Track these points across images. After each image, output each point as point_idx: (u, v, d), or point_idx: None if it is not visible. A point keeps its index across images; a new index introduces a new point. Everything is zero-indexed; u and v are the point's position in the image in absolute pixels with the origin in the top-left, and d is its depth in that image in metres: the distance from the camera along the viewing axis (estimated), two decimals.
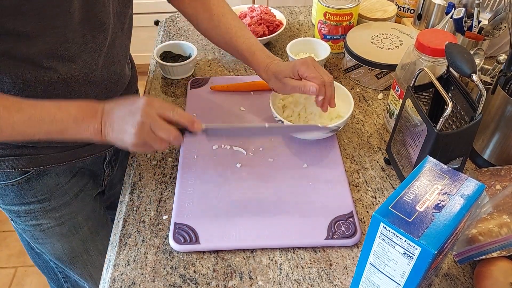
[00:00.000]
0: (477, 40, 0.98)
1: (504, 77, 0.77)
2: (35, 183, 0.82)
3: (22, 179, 0.80)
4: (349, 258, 0.72)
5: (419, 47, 0.79)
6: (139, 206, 0.80)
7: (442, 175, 0.56)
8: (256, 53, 0.87)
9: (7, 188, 0.81)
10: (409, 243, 0.50)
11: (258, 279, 0.69)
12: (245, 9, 1.20)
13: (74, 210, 0.89)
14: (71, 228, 0.90)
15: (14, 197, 0.83)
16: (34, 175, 0.81)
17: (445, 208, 0.52)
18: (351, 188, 0.82)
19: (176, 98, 1.02)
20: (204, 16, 0.89)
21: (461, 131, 0.70)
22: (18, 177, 0.80)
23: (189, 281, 0.69)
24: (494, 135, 0.80)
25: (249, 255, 0.72)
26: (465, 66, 0.68)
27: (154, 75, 1.10)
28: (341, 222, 0.75)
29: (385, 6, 1.20)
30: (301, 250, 0.73)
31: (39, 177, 0.82)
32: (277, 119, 0.86)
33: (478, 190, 0.54)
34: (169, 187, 0.83)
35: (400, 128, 0.80)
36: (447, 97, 0.67)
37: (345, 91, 0.90)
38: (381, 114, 0.98)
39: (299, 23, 1.28)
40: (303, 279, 0.69)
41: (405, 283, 0.54)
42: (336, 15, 1.09)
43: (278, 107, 0.91)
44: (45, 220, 0.87)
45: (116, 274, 0.70)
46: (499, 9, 0.95)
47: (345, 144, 0.91)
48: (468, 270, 0.70)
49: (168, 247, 0.73)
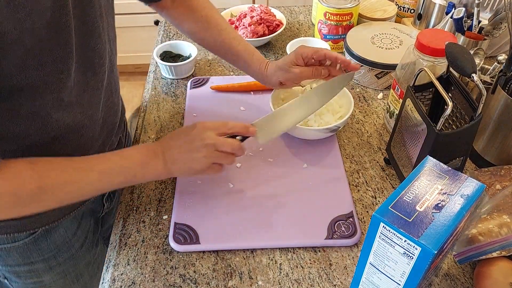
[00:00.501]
0: (477, 40, 0.98)
1: (504, 77, 0.76)
2: (42, 242, 0.76)
3: (29, 239, 0.74)
4: (349, 258, 0.72)
5: (419, 47, 0.79)
6: (139, 206, 0.80)
7: (442, 175, 0.56)
8: (255, 54, 0.87)
9: (11, 250, 0.74)
10: (409, 243, 0.50)
11: (258, 279, 0.69)
12: (245, 9, 1.20)
13: (77, 261, 0.84)
14: (73, 278, 0.85)
15: (18, 258, 0.76)
16: (42, 233, 0.75)
17: (445, 208, 0.52)
18: (351, 188, 0.82)
19: (176, 98, 1.02)
20: (191, 18, 0.86)
21: (461, 131, 0.70)
22: (24, 238, 0.74)
23: (189, 281, 0.69)
24: (494, 135, 0.80)
25: (249, 255, 0.72)
26: (465, 66, 0.68)
27: (154, 75, 1.10)
28: (341, 222, 0.75)
29: (385, 6, 1.20)
30: (301, 250, 0.73)
31: (47, 234, 0.76)
32: None
33: (478, 190, 0.54)
34: (169, 187, 0.83)
35: (400, 128, 0.80)
36: (447, 97, 0.66)
37: (345, 91, 0.90)
38: (381, 114, 0.98)
39: (299, 23, 1.28)
40: (303, 279, 0.69)
41: (405, 283, 0.54)
42: (336, 15, 1.09)
43: (278, 107, 0.91)
44: (48, 276, 0.81)
45: (116, 274, 0.70)
46: (499, 9, 0.95)
47: (345, 144, 0.91)
48: (468, 270, 0.70)
49: (168, 247, 0.73)
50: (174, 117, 0.98)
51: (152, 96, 1.03)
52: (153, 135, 0.93)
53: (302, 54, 0.81)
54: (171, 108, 1.00)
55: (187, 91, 1.03)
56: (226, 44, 0.86)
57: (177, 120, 0.97)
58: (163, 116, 0.98)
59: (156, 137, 0.93)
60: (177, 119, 0.97)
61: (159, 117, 0.97)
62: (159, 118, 0.97)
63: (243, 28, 1.14)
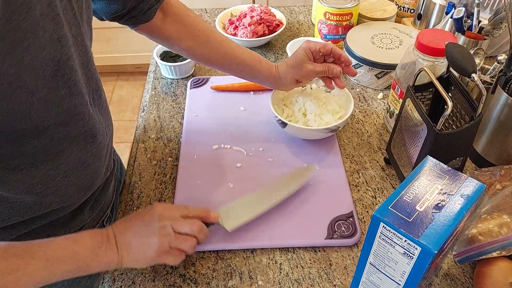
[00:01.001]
0: (477, 40, 0.98)
1: (504, 77, 0.76)
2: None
3: None
4: (349, 258, 0.72)
5: (419, 47, 0.79)
6: (139, 206, 0.80)
7: (442, 175, 0.56)
8: (261, 60, 0.85)
9: None
10: (409, 243, 0.50)
11: (258, 279, 0.69)
12: (245, 9, 1.20)
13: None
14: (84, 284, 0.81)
15: None
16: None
17: (445, 208, 0.52)
18: (351, 188, 0.82)
19: (176, 98, 1.02)
20: (189, 34, 0.81)
21: (461, 131, 0.70)
22: None
23: (189, 280, 0.69)
24: (494, 135, 0.80)
25: (249, 255, 0.72)
26: (465, 66, 0.68)
27: (154, 75, 1.10)
28: (341, 222, 0.75)
29: (385, 6, 1.20)
30: (301, 250, 0.73)
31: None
32: (277, 119, 0.86)
33: (478, 190, 0.54)
34: (169, 187, 0.83)
35: (400, 128, 0.80)
36: (447, 97, 0.66)
37: (345, 90, 0.90)
38: (381, 114, 0.98)
39: (299, 22, 1.28)
40: (303, 279, 0.69)
41: (405, 283, 0.54)
42: (336, 15, 1.09)
43: (278, 107, 0.91)
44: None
45: (116, 274, 0.70)
46: (499, 9, 0.95)
47: (345, 144, 0.91)
48: (468, 270, 0.70)
49: None
50: (174, 117, 0.98)
51: (152, 96, 1.03)
52: (153, 135, 0.93)
53: (310, 48, 0.81)
54: (171, 108, 1.00)
55: (187, 91, 1.03)
56: (229, 54, 0.83)
57: (177, 120, 0.97)
58: (163, 116, 0.98)
59: (156, 137, 0.93)
60: (177, 119, 0.97)
61: (159, 117, 0.97)
62: (159, 118, 0.97)
63: (243, 28, 1.14)
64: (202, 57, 0.84)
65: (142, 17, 0.76)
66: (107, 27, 0.92)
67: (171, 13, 0.80)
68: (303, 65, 0.82)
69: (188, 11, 0.82)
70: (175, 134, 0.93)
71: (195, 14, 0.83)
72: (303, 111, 0.89)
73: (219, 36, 0.83)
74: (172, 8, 0.80)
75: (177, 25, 0.80)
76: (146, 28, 0.80)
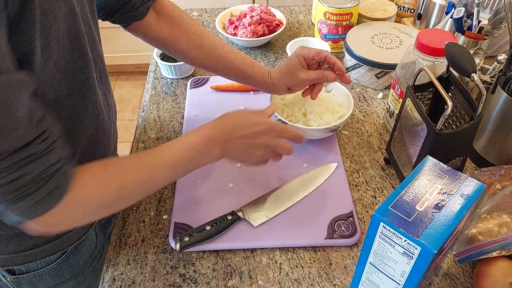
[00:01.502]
0: (477, 40, 0.98)
1: (504, 76, 0.77)
2: (72, 259, 0.76)
3: (61, 259, 0.74)
4: (349, 258, 0.72)
5: (419, 47, 0.79)
6: (139, 206, 0.80)
7: (442, 174, 0.56)
8: (254, 65, 0.84)
9: (43, 274, 0.74)
10: (409, 242, 0.50)
11: (258, 278, 0.69)
12: (245, 8, 1.20)
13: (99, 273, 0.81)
14: None
15: (50, 280, 0.75)
16: (72, 251, 0.75)
17: (445, 207, 0.52)
18: (351, 187, 0.82)
19: (176, 97, 1.02)
20: (183, 36, 0.81)
21: (461, 131, 0.70)
22: (58, 259, 0.74)
23: (189, 280, 0.69)
24: (494, 135, 0.81)
25: (249, 254, 0.72)
26: (465, 66, 0.68)
27: (154, 75, 1.10)
28: (341, 221, 0.75)
29: (385, 6, 1.20)
30: (301, 250, 0.73)
31: (76, 251, 0.76)
32: (277, 119, 0.86)
33: (478, 190, 0.54)
34: (169, 187, 0.83)
35: (400, 128, 0.80)
36: (447, 96, 0.67)
37: (345, 90, 0.90)
38: (381, 113, 0.98)
39: (299, 22, 1.28)
40: (303, 279, 0.69)
41: (405, 283, 0.54)
42: (336, 15, 1.09)
43: (278, 107, 0.91)
44: None
45: (116, 274, 0.70)
46: (499, 9, 0.95)
47: (345, 144, 0.91)
48: (468, 270, 0.70)
49: (168, 247, 0.73)
50: (174, 116, 0.98)
51: (152, 95, 1.03)
52: (153, 134, 0.93)
53: (303, 55, 0.80)
54: (171, 107, 1.00)
55: (187, 90, 1.03)
56: (223, 58, 0.82)
57: (177, 119, 0.97)
58: (163, 115, 0.98)
59: (156, 136, 0.93)
60: (177, 119, 0.97)
61: (159, 117, 0.97)
62: (159, 118, 0.97)
63: (243, 28, 1.14)
64: (196, 60, 0.84)
65: (133, 14, 0.75)
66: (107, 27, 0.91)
67: (165, 15, 0.80)
68: (296, 73, 0.80)
69: (182, 14, 0.82)
70: (175, 134, 0.93)
71: (189, 17, 0.83)
72: (303, 111, 0.89)
73: (213, 39, 0.82)
74: (166, 10, 0.80)
75: (171, 27, 0.80)
76: (139, 29, 0.80)
